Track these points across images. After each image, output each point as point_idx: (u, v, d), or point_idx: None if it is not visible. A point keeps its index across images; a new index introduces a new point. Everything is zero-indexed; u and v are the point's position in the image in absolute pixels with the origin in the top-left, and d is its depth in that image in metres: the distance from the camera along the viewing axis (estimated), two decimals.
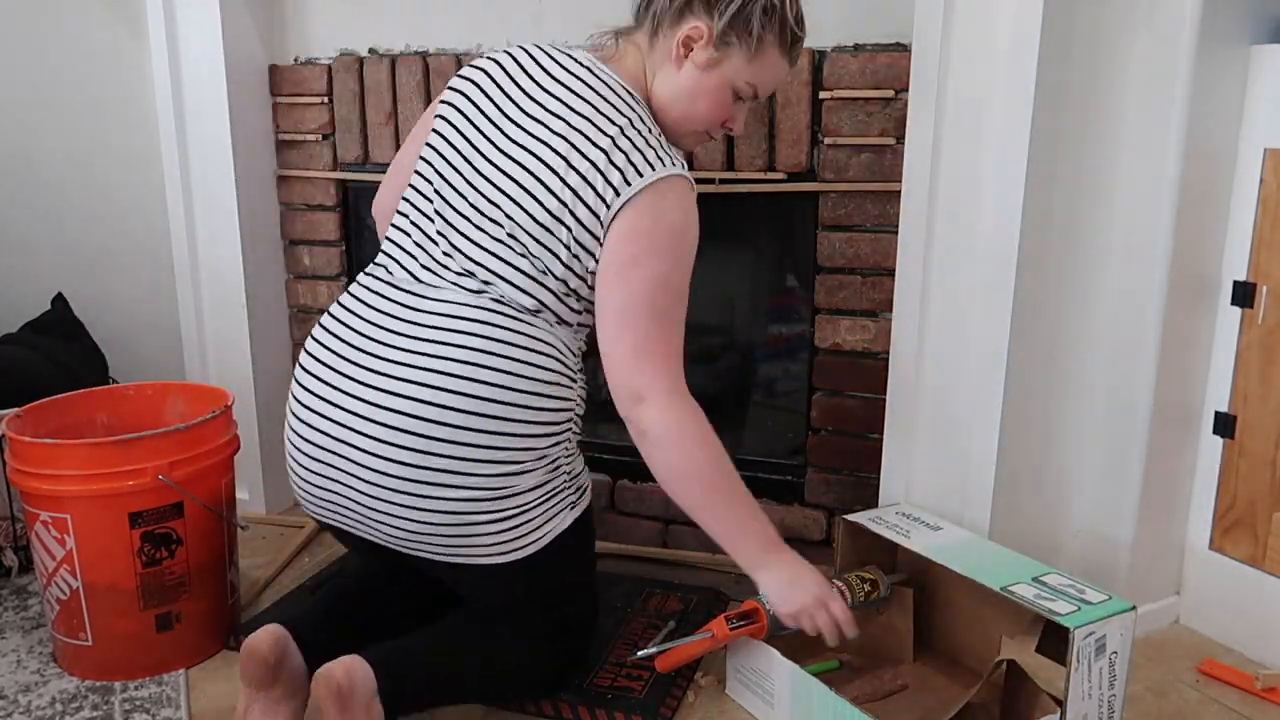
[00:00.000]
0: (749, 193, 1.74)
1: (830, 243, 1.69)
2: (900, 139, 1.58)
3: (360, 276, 1.41)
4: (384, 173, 1.55)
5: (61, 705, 1.47)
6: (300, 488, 1.38)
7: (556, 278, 1.31)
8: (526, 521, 1.31)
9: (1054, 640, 1.31)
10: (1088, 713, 1.29)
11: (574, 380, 1.36)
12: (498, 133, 1.34)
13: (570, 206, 1.28)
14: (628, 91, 1.35)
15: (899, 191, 1.56)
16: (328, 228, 2.07)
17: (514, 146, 1.32)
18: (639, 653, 1.43)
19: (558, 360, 1.33)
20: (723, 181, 1.74)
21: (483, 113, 1.36)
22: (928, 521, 1.54)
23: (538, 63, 1.37)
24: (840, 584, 1.48)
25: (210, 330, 2.08)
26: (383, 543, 1.34)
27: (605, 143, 1.28)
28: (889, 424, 1.64)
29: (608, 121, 1.30)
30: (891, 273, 1.62)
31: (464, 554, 1.31)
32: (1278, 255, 1.51)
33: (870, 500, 1.72)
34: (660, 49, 1.35)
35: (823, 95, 1.64)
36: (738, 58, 1.32)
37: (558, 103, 1.32)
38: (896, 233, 1.58)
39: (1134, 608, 1.30)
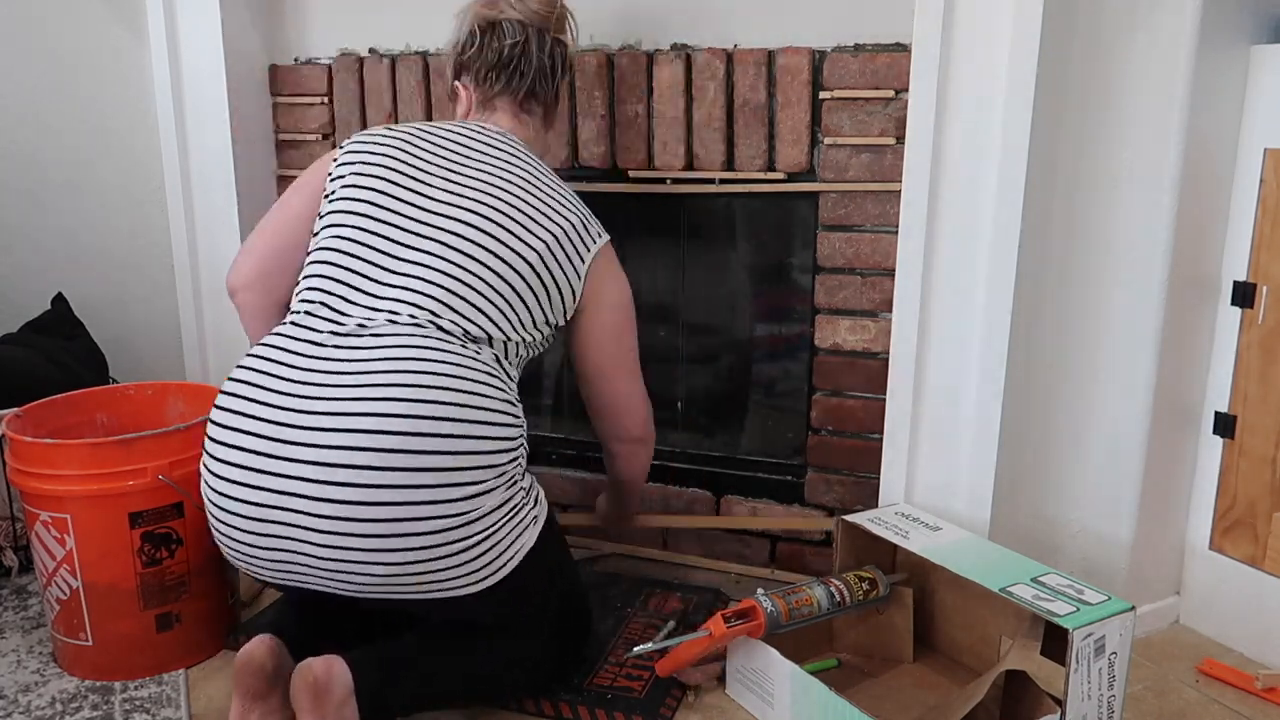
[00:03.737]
0: (749, 193, 1.74)
1: (830, 243, 1.69)
2: (900, 139, 1.58)
3: (271, 337, 1.35)
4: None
5: (61, 705, 1.47)
6: (240, 553, 1.30)
7: (517, 325, 1.38)
8: (496, 544, 1.28)
9: (1054, 641, 1.31)
10: (1087, 713, 1.29)
11: (517, 404, 1.35)
12: (442, 186, 1.41)
13: (543, 256, 1.40)
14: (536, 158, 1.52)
15: (899, 191, 1.56)
16: None
17: (463, 200, 1.40)
18: (635, 649, 1.43)
19: (503, 384, 1.33)
20: (723, 181, 1.74)
21: (417, 169, 1.43)
22: (927, 522, 1.54)
23: (454, 131, 1.50)
24: (839, 583, 1.48)
25: (210, 330, 2.08)
26: (345, 594, 1.29)
27: (567, 208, 1.44)
28: (889, 424, 1.64)
29: (554, 189, 1.46)
30: (891, 273, 1.62)
31: (437, 589, 1.27)
32: (1278, 255, 1.51)
33: (870, 500, 1.72)
34: (543, 125, 1.62)
35: (823, 95, 1.64)
36: None
37: (494, 164, 1.46)
38: (896, 233, 1.58)
39: (1133, 608, 1.30)
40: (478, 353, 1.32)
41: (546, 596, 1.40)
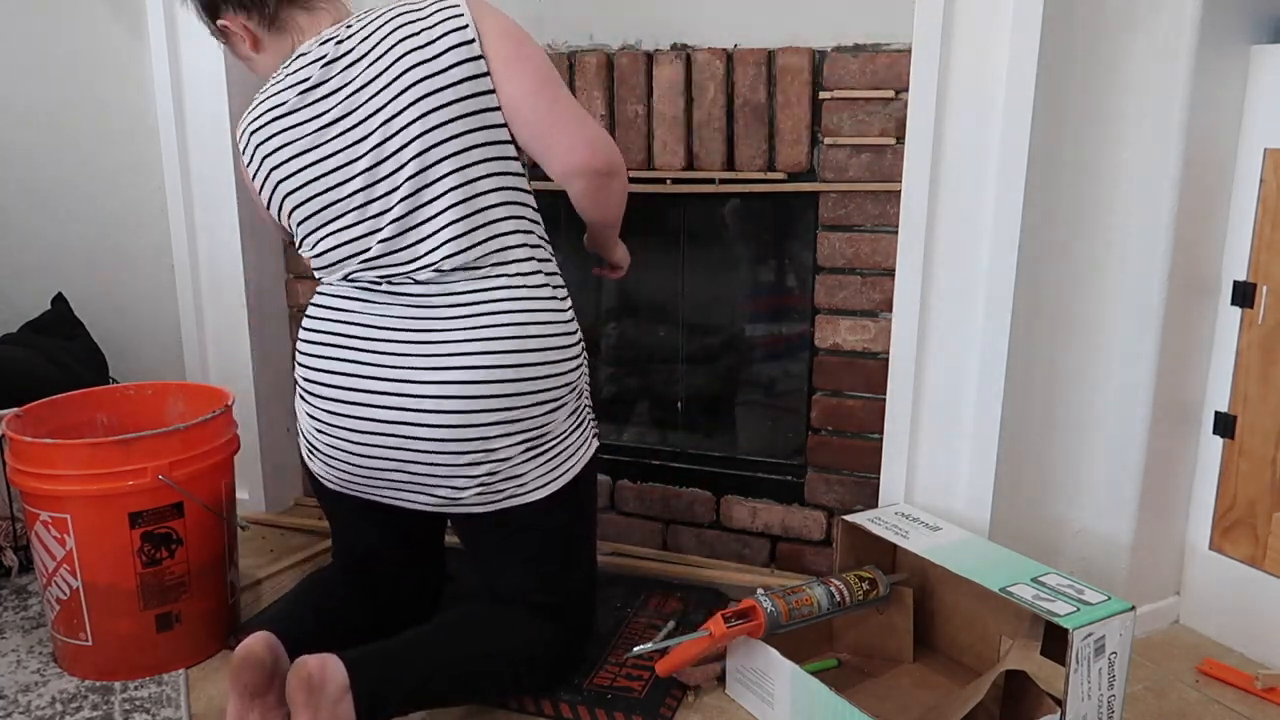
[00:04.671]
0: (749, 193, 1.74)
1: (830, 243, 1.69)
2: (900, 139, 1.58)
3: (331, 285, 1.42)
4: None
5: (61, 705, 1.47)
6: (345, 474, 1.41)
7: (495, 138, 1.34)
8: (564, 449, 1.41)
9: (1054, 641, 1.31)
10: (1087, 713, 1.29)
11: (567, 302, 1.42)
12: (338, 116, 1.36)
13: (455, 80, 1.32)
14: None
15: (899, 191, 1.56)
16: None
17: (369, 103, 1.34)
18: (635, 649, 1.43)
19: (559, 298, 1.40)
20: (723, 181, 1.74)
21: (302, 122, 1.37)
22: (927, 522, 1.54)
23: (291, 74, 1.40)
24: (839, 583, 1.48)
25: (210, 330, 2.08)
26: (431, 508, 1.40)
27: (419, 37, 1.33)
28: (889, 424, 1.64)
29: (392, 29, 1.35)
30: (891, 273, 1.62)
31: (510, 497, 1.38)
32: (1278, 255, 1.51)
33: (870, 500, 1.72)
34: None
35: (823, 95, 1.64)
36: None
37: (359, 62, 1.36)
38: (896, 233, 1.58)
39: (1133, 608, 1.30)
40: (528, 271, 1.37)
41: (582, 536, 1.50)
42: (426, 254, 1.34)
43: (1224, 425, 1.60)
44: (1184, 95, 1.45)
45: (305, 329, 1.42)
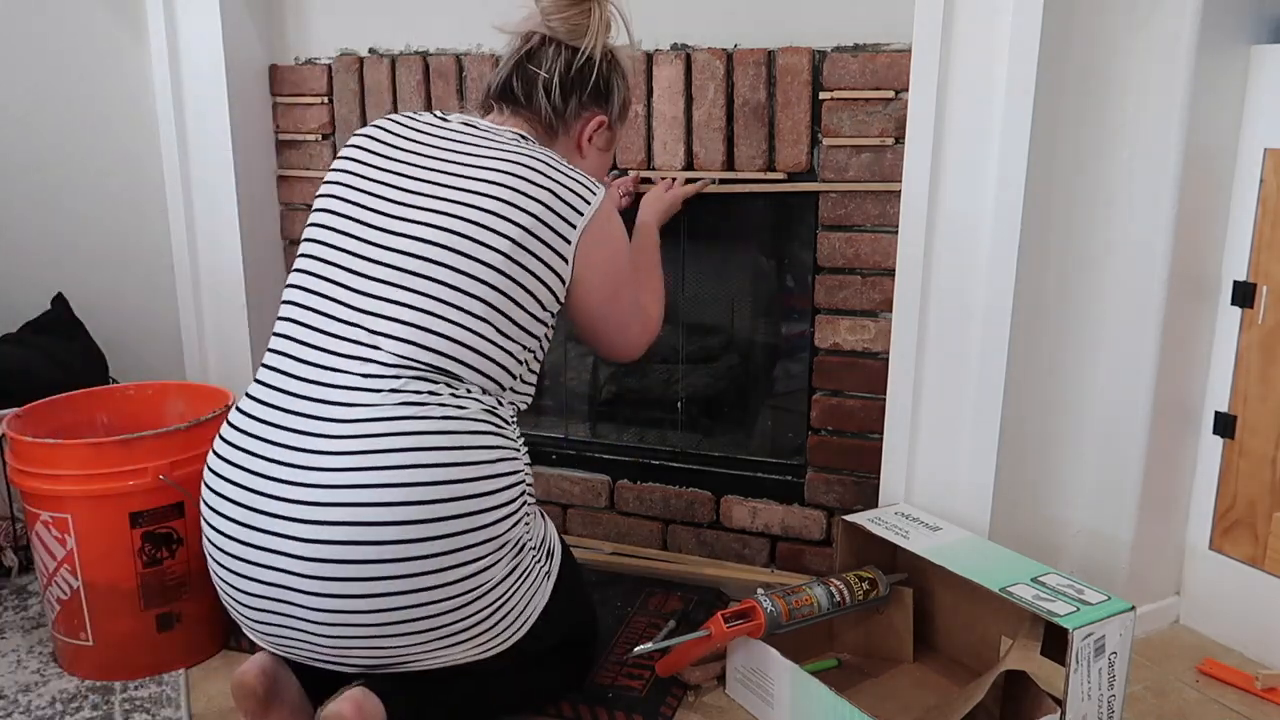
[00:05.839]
0: (749, 193, 1.74)
1: (830, 243, 1.69)
2: (900, 139, 1.58)
3: (261, 371, 1.28)
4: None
5: (61, 705, 1.47)
6: (244, 617, 1.25)
7: (512, 318, 1.25)
8: (509, 611, 1.25)
9: (1054, 641, 1.31)
10: (1087, 713, 1.29)
11: (518, 449, 1.28)
12: (416, 183, 1.29)
13: (523, 245, 1.25)
14: (523, 137, 1.37)
15: (899, 191, 1.56)
16: None
17: (444, 189, 1.27)
18: (636, 649, 1.43)
19: (496, 434, 1.24)
20: (723, 181, 1.74)
21: (385, 169, 1.30)
22: (927, 522, 1.54)
23: (425, 121, 1.37)
24: (839, 583, 1.48)
25: (210, 330, 2.08)
26: (341, 668, 1.25)
27: (545, 181, 1.28)
28: (889, 424, 1.64)
29: (535, 160, 1.30)
30: (891, 273, 1.62)
31: (449, 658, 1.24)
32: (1278, 255, 1.51)
33: (870, 500, 1.72)
34: (562, 140, 1.44)
35: (823, 95, 1.64)
36: (618, 131, 1.51)
37: (468, 153, 1.31)
38: (896, 233, 1.58)
39: (1133, 608, 1.30)
40: (465, 401, 1.22)
41: (558, 631, 1.38)
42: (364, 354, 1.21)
43: (1224, 425, 1.60)
44: (1184, 95, 1.45)
45: None
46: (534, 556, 1.29)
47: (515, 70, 1.41)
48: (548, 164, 1.30)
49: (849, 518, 1.56)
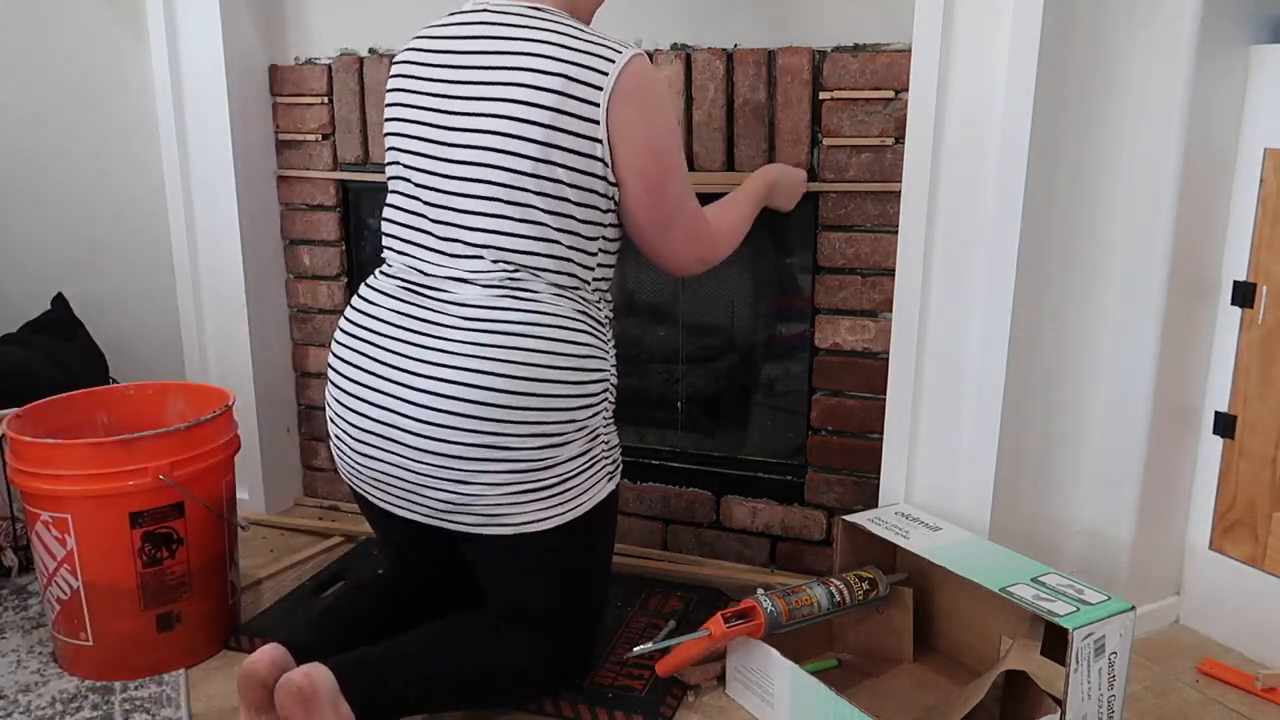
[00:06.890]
0: None
1: (830, 243, 1.69)
2: (900, 139, 1.58)
3: (375, 277, 1.43)
4: (384, 172, 1.55)
5: (61, 705, 1.47)
6: (350, 466, 1.42)
7: (565, 215, 1.32)
8: (568, 489, 1.36)
9: (1054, 641, 1.31)
10: (1087, 713, 1.29)
11: (606, 351, 1.40)
12: (449, 101, 1.36)
13: (550, 142, 1.29)
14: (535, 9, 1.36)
15: (899, 191, 1.56)
16: (328, 228, 2.07)
17: (470, 103, 1.34)
18: (636, 649, 1.43)
19: (588, 333, 1.37)
20: (723, 182, 1.74)
21: (424, 92, 1.38)
22: (927, 522, 1.54)
23: (448, 28, 1.41)
24: (839, 583, 1.48)
25: (210, 330, 2.08)
26: (425, 518, 1.38)
27: (558, 66, 1.29)
28: (889, 424, 1.63)
29: (546, 45, 1.31)
30: (891, 273, 1.62)
31: (505, 524, 1.35)
32: (1278, 255, 1.51)
33: (870, 500, 1.72)
34: None
35: (823, 95, 1.64)
36: None
37: (491, 53, 1.34)
38: (896, 233, 1.58)
39: (1133, 608, 1.30)
40: (559, 300, 1.35)
41: (586, 568, 1.44)
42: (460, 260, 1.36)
43: (1224, 425, 1.60)
44: (1184, 95, 1.45)
45: (343, 316, 1.45)
46: (604, 450, 1.42)
47: None
48: (560, 42, 1.30)
49: (849, 517, 1.56)
